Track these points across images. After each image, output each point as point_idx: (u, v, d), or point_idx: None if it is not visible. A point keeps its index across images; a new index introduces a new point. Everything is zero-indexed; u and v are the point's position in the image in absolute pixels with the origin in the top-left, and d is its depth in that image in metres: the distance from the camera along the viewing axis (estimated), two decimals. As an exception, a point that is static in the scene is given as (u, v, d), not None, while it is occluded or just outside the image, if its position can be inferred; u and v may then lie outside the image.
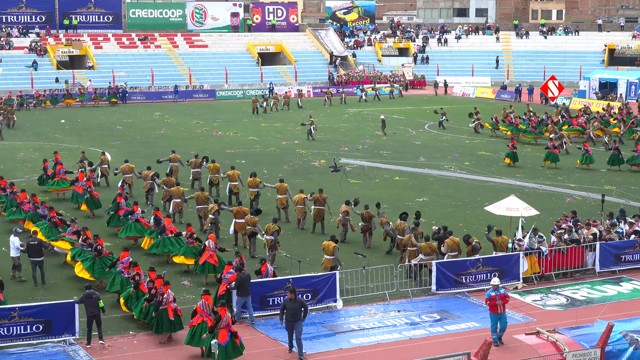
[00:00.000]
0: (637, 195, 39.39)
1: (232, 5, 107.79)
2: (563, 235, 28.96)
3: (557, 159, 48.51)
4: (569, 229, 29.19)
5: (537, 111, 65.15)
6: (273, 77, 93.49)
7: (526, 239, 28.35)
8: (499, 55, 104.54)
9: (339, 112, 74.83)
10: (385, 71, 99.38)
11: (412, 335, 23.54)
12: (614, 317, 22.44)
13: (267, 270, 25.66)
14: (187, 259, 28.84)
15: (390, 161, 49.61)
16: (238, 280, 24.10)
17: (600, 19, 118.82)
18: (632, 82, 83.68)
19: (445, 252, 27.70)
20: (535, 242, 28.35)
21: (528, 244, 28.13)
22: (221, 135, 60.37)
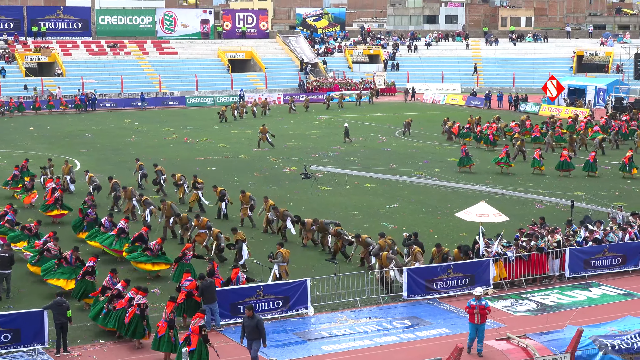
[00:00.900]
0: (606, 200, 39.64)
1: (202, 12, 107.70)
2: (529, 242, 28.99)
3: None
4: (533, 236, 29.24)
5: (505, 118, 65.42)
6: (243, 84, 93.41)
7: (496, 244, 28.44)
8: (476, 63, 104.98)
9: (310, 119, 74.87)
10: (356, 78, 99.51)
11: (383, 342, 23.53)
12: (584, 322, 22.55)
13: (238, 277, 25.60)
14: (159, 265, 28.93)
15: (361, 168, 49.64)
16: (200, 288, 24.03)
17: (569, 26, 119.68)
18: (601, 88, 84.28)
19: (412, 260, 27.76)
20: (499, 248, 28.47)
21: (496, 250, 28.24)
22: (191, 143, 60.18)
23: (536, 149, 50.48)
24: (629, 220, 32.10)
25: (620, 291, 28.28)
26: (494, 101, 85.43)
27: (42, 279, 27.49)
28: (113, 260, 30.23)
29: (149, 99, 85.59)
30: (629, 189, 44.41)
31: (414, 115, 69.75)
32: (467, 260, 28.05)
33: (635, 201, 40.56)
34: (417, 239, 28.86)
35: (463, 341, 21.51)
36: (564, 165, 48.20)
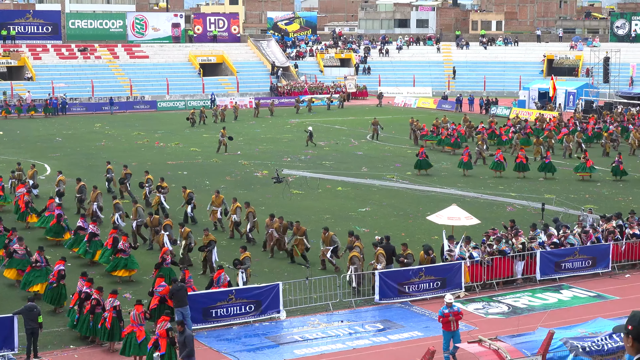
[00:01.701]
0: (577, 203, 39.87)
1: (173, 16, 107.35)
2: (492, 246, 29.03)
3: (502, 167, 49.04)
4: (497, 240, 29.30)
5: (474, 121, 65.69)
6: (215, 88, 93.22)
7: (457, 248, 28.51)
8: (455, 66, 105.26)
9: (281, 122, 74.83)
10: (328, 82, 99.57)
11: (355, 345, 23.52)
12: (555, 325, 22.65)
13: (220, 277, 25.66)
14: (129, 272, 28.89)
15: (332, 171, 49.67)
16: (171, 291, 23.96)
17: (539, 30, 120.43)
18: (571, 92, 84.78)
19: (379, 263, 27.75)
20: (465, 251, 28.52)
21: (459, 253, 28.30)
22: (163, 147, 59.97)
23: (497, 151, 50.94)
24: (593, 225, 32.26)
25: (590, 293, 28.45)
26: (465, 104, 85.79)
27: (16, 284, 27.40)
28: (84, 263, 30.12)
29: (119, 103, 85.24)
30: (598, 191, 44.71)
31: (386, 119, 69.84)
32: (429, 259, 28.12)
33: (605, 204, 40.85)
34: (389, 242, 28.90)
35: (435, 344, 21.53)
36: (520, 167, 48.65)
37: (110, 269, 29.01)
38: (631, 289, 28.89)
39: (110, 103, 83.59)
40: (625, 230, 31.47)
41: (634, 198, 42.90)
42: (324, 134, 66.00)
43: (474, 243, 29.25)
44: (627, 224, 31.89)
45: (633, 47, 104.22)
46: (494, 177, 48.54)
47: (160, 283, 24.66)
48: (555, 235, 30.41)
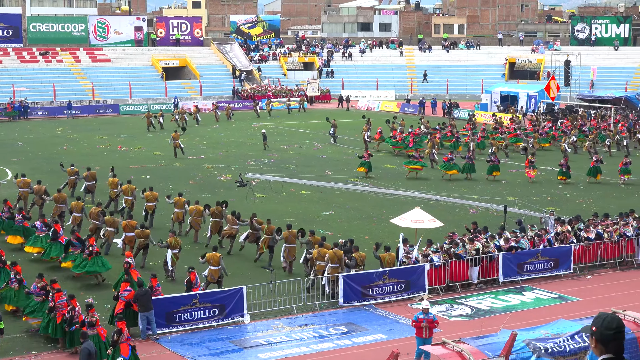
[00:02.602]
0: (539, 205, 40.18)
1: (135, 19, 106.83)
2: (449, 250, 29.16)
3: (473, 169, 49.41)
4: (455, 243, 29.42)
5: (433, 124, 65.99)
6: (178, 92, 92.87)
7: (415, 250, 28.62)
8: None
9: (245, 126, 74.69)
10: (291, 85, 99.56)
11: (319, 349, 23.56)
12: (518, 326, 22.78)
13: (197, 278, 25.69)
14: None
15: (296, 175, 49.68)
16: (135, 296, 23.87)
17: (501, 34, 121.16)
18: (532, 95, 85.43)
19: (352, 266, 27.82)
20: (420, 254, 28.63)
21: (416, 256, 28.41)
22: (125, 151, 59.69)
23: (449, 153, 51.43)
24: (543, 228, 32.48)
25: (552, 295, 28.70)
26: (427, 108, 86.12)
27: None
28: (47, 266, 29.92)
29: (81, 107, 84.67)
30: (560, 193, 45.08)
31: (350, 123, 69.99)
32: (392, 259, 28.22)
33: (566, 206, 41.20)
34: (352, 245, 28.97)
35: (399, 346, 21.60)
36: (467, 168, 49.09)
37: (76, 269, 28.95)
38: (592, 290, 29.18)
39: (68, 107, 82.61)
40: (580, 233, 31.73)
41: (595, 200, 43.30)
42: (287, 138, 65.97)
43: (434, 246, 29.39)
44: (583, 227, 32.15)
45: (593, 50, 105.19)
46: (444, 179, 48.74)
47: (125, 287, 24.57)
48: (512, 239, 30.56)
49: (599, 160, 49.11)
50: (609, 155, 56.60)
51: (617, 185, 47.48)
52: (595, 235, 31.62)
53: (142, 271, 28.96)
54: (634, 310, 20.45)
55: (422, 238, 29.77)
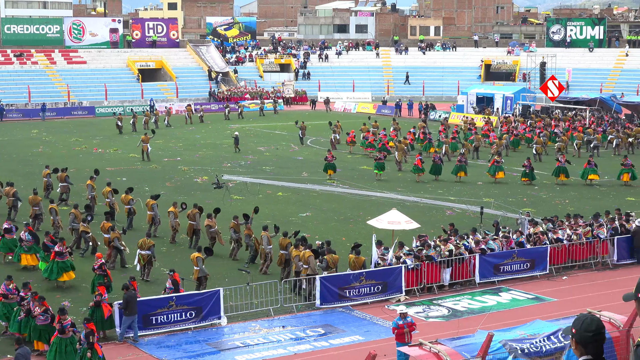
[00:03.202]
0: (515, 207, 40.32)
1: (110, 21, 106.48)
2: (421, 252, 29.16)
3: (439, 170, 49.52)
4: (425, 245, 29.41)
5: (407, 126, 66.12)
6: (154, 94, 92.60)
7: (390, 252, 28.64)
8: (408, 72, 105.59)
9: (221, 128, 74.55)
10: (267, 87, 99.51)
11: (297, 351, 23.53)
12: (494, 327, 22.84)
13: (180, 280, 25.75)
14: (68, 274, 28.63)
15: (273, 177, 49.64)
16: (125, 299, 23.73)
17: (476, 35, 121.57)
18: (508, 96, 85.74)
19: (324, 269, 27.80)
20: (394, 256, 28.62)
21: (391, 259, 28.43)
22: (101, 153, 59.43)
23: (417, 155, 51.63)
24: (517, 229, 32.56)
25: (529, 295, 28.80)
26: (404, 109, 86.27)
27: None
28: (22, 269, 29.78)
29: (57, 109, 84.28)
30: (536, 195, 45.25)
31: (326, 125, 69.92)
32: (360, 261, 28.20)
33: (542, 207, 41.36)
34: (329, 247, 28.96)
35: (376, 348, 21.60)
36: (434, 169, 49.27)
37: (49, 275, 28.68)
38: (568, 290, 29.31)
39: (42, 109, 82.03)
40: (549, 234, 31.82)
41: (570, 201, 43.50)
42: (264, 140, 65.89)
43: (407, 248, 29.40)
44: (552, 228, 32.24)
45: (568, 52, 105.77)
46: (417, 181, 48.82)
47: (104, 291, 24.54)
48: (482, 241, 30.57)
49: (565, 161, 49.21)
50: (577, 157, 56.85)
51: (592, 187, 47.71)
52: (565, 237, 31.75)
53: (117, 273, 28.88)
54: (610, 310, 20.56)
55: (396, 240, 29.80)
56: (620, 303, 8.09)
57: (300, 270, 27.96)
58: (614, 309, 20.75)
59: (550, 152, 58.14)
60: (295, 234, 30.58)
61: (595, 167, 48.28)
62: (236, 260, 32.27)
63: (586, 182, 48.14)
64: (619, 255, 32.45)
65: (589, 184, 48.04)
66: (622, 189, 46.97)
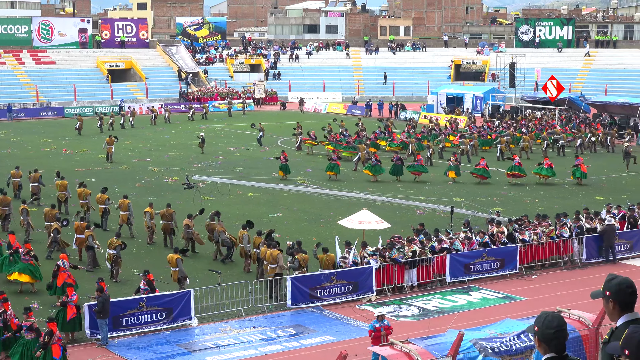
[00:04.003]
0: (485, 206, 40.49)
1: (79, 21, 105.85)
2: (384, 252, 29.17)
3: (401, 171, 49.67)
4: (388, 247, 29.44)
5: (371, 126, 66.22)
6: (123, 94, 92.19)
7: (351, 254, 28.62)
8: (386, 72, 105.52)
9: (191, 128, 74.31)
10: (238, 87, 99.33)
11: (268, 351, 23.49)
12: (464, 326, 22.90)
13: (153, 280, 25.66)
14: (21, 276, 28.20)
15: (243, 177, 49.57)
16: (101, 302, 23.57)
17: (446, 35, 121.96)
18: (478, 96, 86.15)
19: (296, 268, 27.78)
20: (358, 257, 28.61)
21: (353, 259, 28.42)
22: (70, 154, 59.07)
23: (375, 155, 51.79)
24: (472, 231, 32.69)
25: (499, 294, 28.92)
26: (374, 109, 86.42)
27: None
28: None
29: (25, 110, 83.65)
30: (506, 194, 45.46)
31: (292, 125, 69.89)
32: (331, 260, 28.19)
33: (512, 206, 41.56)
34: (300, 247, 28.95)
35: (347, 348, 21.60)
36: (394, 169, 49.45)
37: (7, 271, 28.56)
38: (538, 289, 29.46)
39: (8, 110, 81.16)
40: (515, 234, 31.95)
41: (540, 200, 43.74)
42: (234, 140, 65.76)
43: (371, 249, 29.37)
44: (518, 228, 32.38)
45: (537, 52, 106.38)
46: (372, 181, 48.90)
47: (72, 293, 24.37)
48: (445, 241, 30.61)
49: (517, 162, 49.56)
50: (543, 157, 57.21)
51: (562, 186, 48.01)
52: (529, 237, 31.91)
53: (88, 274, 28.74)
54: (579, 309, 20.68)
55: (357, 241, 29.78)
56: (590, 301, 8.13)
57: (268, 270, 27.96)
58: (583, 308, 20.87)
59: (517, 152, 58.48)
60: (268, 234, 30.46)
61: (519, 166, 48.72)
62: (216, 261, 32.18)
63: (513, 181, 48.55)
64: (587, 254, 32.67)
65: (510, 183, 48.36)
66: (591, 188, 47.28)
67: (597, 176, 51.07)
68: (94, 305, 23.77)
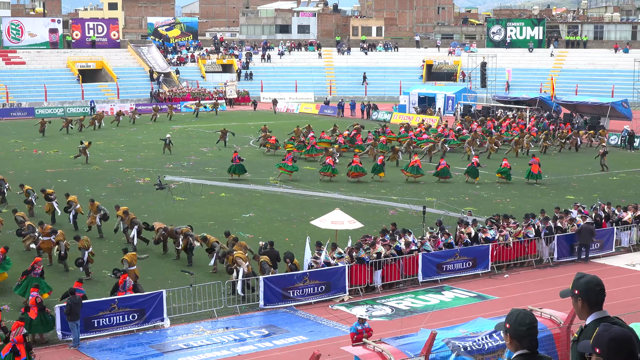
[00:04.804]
0: (457, 206, 40.62)
1: (50, 21, 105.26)
2: (352, 252, 29.16)
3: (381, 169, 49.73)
4: (355, 247, 29.45)
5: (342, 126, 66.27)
6: (95, 95, 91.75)
7: (323, 254, 28.62)
8: (366, 72, 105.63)
9: (164, 129, 73.99)
10: (210, 87, 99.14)
11: (240, 352, 23.45)
12: (437, 325, 22.96)
13: (125, 282, 25.43)
14: None
15: (215, 177, 49.45)
16: (69, 305, 23.46)
17: (418, 36, 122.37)
18: (449, 96, 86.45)
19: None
20: (330, 258, 28.62)
21: (324, 259, 28.43)
22: (41, 154, 58.70)
23: (355, 155, 51.92)
24: (444, 231, 32.78)
25: (471, 294, 29.02)
26: (346, 110, 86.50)
27: None
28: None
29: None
30: (477, 194, 45.64)
31: (269, 125, 69.88)
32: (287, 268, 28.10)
33: (484, 206, 41.73)
34: (272, 247, 28.93)
35: (320, 348, 21.61)
36: (355, 169, 49.46)
37: None
38: (510, 288, 29.59)
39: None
40: (479, 234, 32.08)
41: (511, 200, 43.95)
42: (207, 140, 65.58)
43: (340, 250, 29.35)
44: (482, 228, 32.50)
45: (508, 52, 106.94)
46: (352, 182, 48.97)
47: (34, 291, 24.26)
48: (412, 243, 30.63)
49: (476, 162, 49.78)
50: (515, 156, 57.56)
51: (532, 186, 48.25)
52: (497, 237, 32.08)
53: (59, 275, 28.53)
54: (551, 307, 20.79)
55: (328, 242, 29.77)
56: (561, 300, 8.18)
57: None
58: (554, 306, 20.98)
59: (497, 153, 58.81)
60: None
61: (477, 167, 48.99)
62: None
63: (470, 180, 48.87)
64: (559, 253, 32.88)
65: (471, 182, 48.67)
66: (562, 188, 47.56)
67: (568, 175, 51.42)
68: (64, 307, 23.66)
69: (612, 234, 34.60)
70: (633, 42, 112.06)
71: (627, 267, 32.78)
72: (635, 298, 27.74)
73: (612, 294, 24.53)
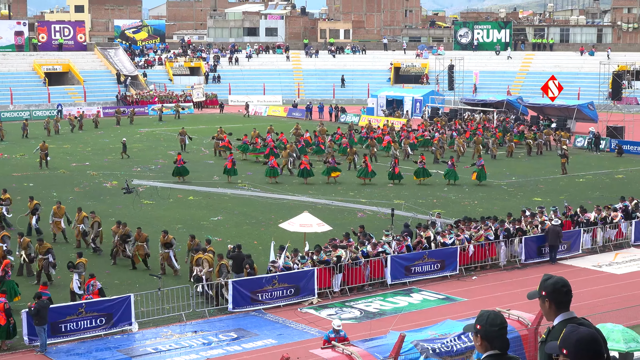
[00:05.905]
0: (425, 208, 40.74)
1: (15, 23, 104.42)
2: (313, 256, 29.16)
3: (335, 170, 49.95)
4: (316, 250, 29.42)
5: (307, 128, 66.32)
6: (61, 98, 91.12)
7: (281, 259, 28.57)
8: (345, 75, 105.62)
9: (131, 132, 73.71)
10: (177, 90, 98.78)
11: (209, 356, 23.38)
12: (406, 328, 23.01)
13: (90, 285, 25.26)
14: None
15: (183, 181, 49.27)
16: (37, 308, 23.28)
17: (386, 38, 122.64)
18: (417, 99, 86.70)
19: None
20: (291, 262, 28.57)
21: (284, 264, 28.38)
22: (7, 158, 58.24)
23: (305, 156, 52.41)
24: (410, 229, 32.84)
25: (439, 296, 29.11)
26: (315, 112, 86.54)
27: None
28: None
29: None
30: (446, 196, 45.80)
31: (236, 128, 69.78)
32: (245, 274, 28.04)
33: (452, 208, 41.88)
34: (240, 250, 28.87)
35: (289, 351, 21.59)
36: (329, 171, 49.86)
37: None
38: (478, 290, 29.72)
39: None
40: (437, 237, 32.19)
41: (479, 202, 44.15)
42: (174, 144, 65.31)
43: (300, 255, 29.32)
44: (440, 231, 32.61)
45: (475, 55, 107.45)
46: (304, 184, 49.05)
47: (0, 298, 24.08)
48: (380, 244, 30.65)
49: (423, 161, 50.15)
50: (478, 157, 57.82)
51: (500, 187, 48.52)
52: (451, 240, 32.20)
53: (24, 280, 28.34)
54: (518, 309, 20.89)
55: (288, 245, 29.74)
56: (529, 302, 8.23)
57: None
58: (522, 308, 21.09)
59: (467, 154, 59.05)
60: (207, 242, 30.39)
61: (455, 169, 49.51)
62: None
63: (420, 181, 49.36)
64: (526, 254, 33.07)
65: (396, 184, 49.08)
66: (529, 190, 47.84)
67: (535, 177, 51.75)
68: (32, 309, 23.50)
69: (579, 236, 34.86)
70: (598, 44, 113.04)
71: (594, 268, 33.04)
72: (602, 299, 27.97)
73: (579, 295, 24.77)
